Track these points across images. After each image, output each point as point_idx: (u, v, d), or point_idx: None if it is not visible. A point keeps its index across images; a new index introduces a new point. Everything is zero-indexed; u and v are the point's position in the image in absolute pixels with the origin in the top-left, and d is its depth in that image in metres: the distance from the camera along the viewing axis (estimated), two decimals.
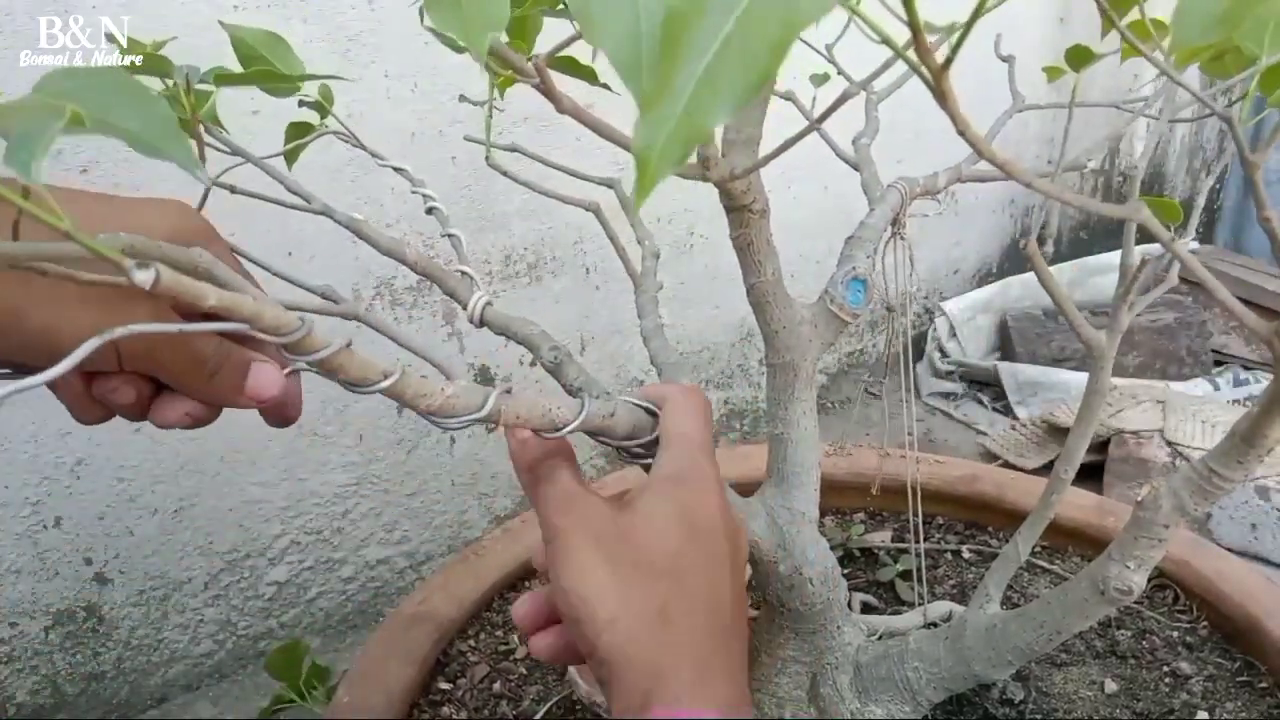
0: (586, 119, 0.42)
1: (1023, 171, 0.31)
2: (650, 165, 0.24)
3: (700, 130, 0.24)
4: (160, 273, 0.29)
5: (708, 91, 0.23)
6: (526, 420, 0.48)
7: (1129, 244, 0.55)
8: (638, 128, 0.24)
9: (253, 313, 0.33)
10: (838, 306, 0.63)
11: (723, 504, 0.57)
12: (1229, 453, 0.51)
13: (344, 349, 0.38)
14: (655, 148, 0.24)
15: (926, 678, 0.68)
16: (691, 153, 0.24)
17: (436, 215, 0.65)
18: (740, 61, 0.23)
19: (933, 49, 0.27)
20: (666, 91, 0.24)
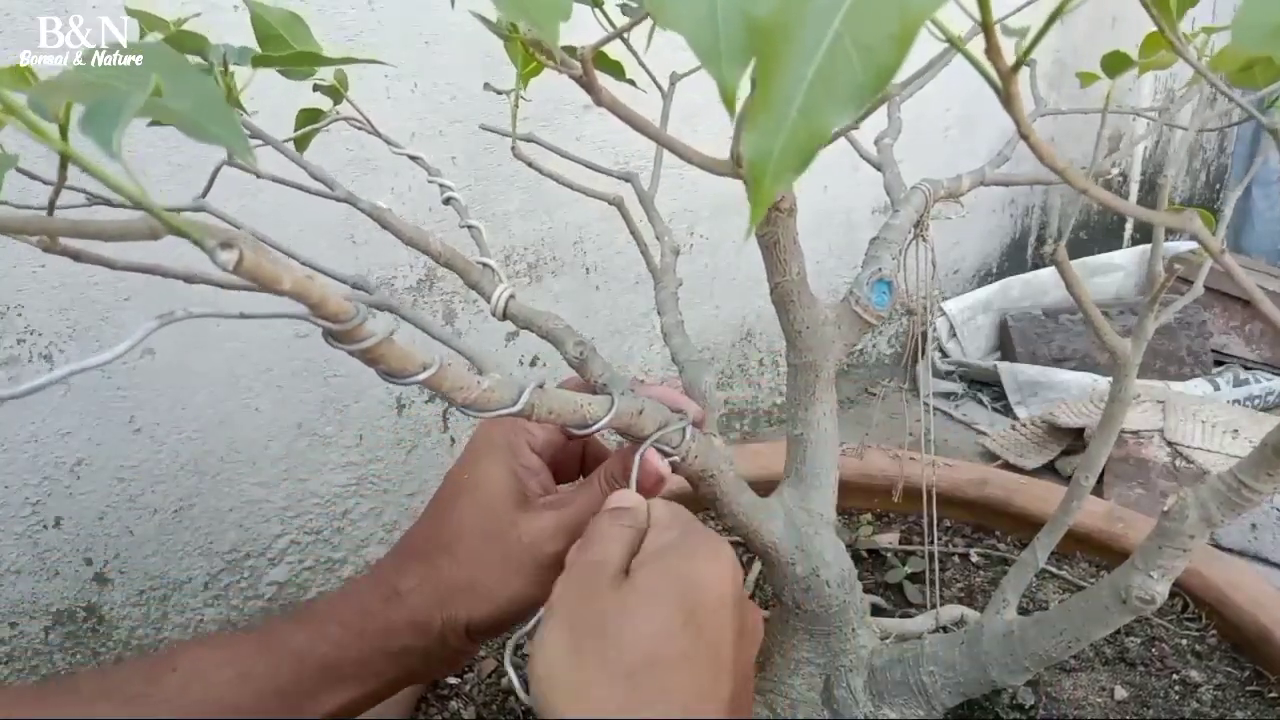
0: (622, 112, 0.41)
1: (1078, 178, 0.30)
2: (766, 176, 0.23)
3: (820, 132, 0.23)
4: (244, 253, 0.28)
5: (823, 91, 0.22)
6: (559, 415, 0.48)
7: (1157, 250, 0.54)
8: (748, 139, 0.23)
9: (320, 298, 0.33)
10: (862, 307, 0.62)
11: (733, 574, 0.55)
12: (1259, 464, 0.50)
13: (387, 339, 0.38)
14: (771, 157, 0.23)
15: (942, 682, 0.68)
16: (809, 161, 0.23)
17: (454, 205, 0.65)
18: (859, 58, 0.22)
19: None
20: (773, 98, 0.23)
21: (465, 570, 0.62)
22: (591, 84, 0.41)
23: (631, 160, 1.64)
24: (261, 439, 1.45)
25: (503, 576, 0.62)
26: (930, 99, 2.12)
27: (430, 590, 0.63)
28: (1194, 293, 0.53)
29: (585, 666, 0.51)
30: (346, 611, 0.63)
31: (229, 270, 0.28)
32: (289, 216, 1.30)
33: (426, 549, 0.65)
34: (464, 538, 0.63)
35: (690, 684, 0.51)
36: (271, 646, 0.61)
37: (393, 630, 0.62)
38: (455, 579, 0.63)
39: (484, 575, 0.62)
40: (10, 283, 1.17)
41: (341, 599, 0.65)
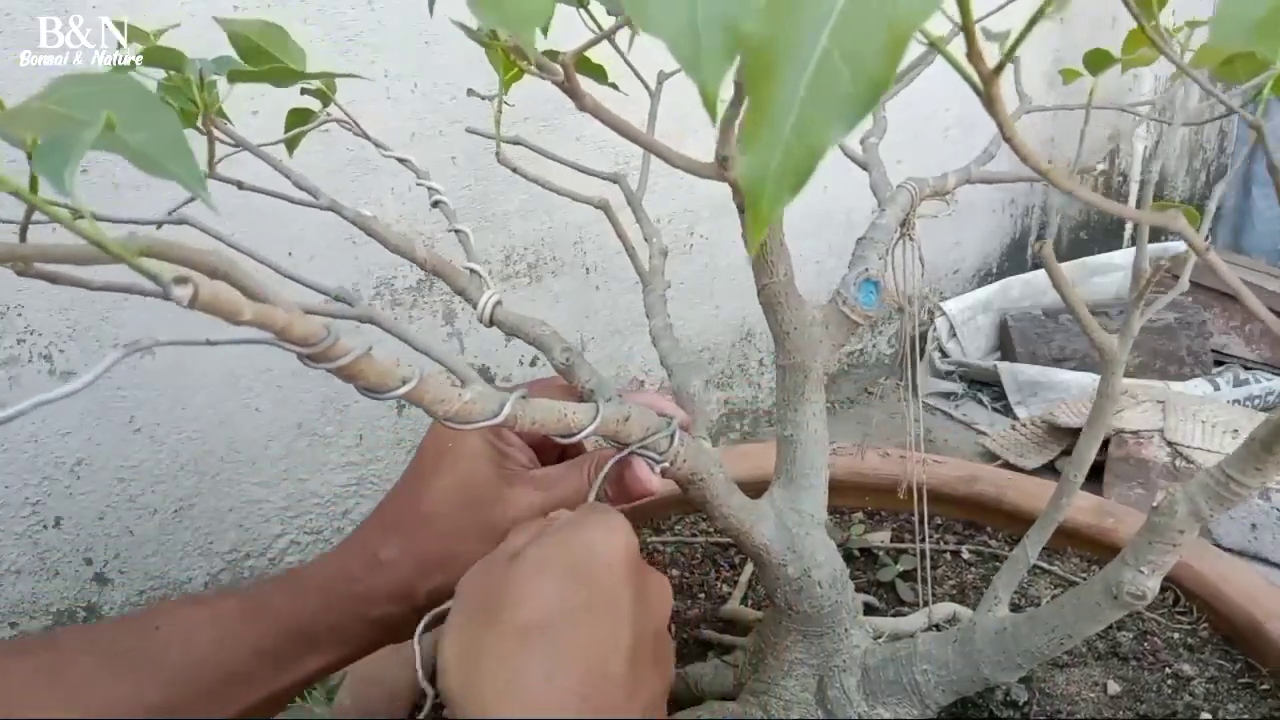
0: (605, 117, 0.41)
1: (1061, 177, 0.31)
2: (765, 197, 0.23)
3: (816, 149, 0.23)
4: (198, 289, 0.28)
5: (815, 107, 0.22)
6: (542, 425, 0.48)
7: (1142, 247, 0.54)
8: (744, 160, 0.23)
9: (284, 324, 0.33)
10: (850, 308, 0.63)
11: (625, 540, 0.56)
12: (1247, 459, 0.51)
13: (364, 355, 0.38)
14: (768, 176, 0.23)
15: (935, 680, 0.68)
16: (807, 179, 0.23)
17: (442, 209, 0.65)
18: (848, 71, 0.22)
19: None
20: (766, 116, 0.23)
21: (447, 542, 0.64)
22: (574, 89, 0.41)
23: (632, 160, 1.64)
24: (261, 439, 1.46)
25: (483, 550, 0.62)
26: (930, 99, 2.12)
27: (411, 561, 0.64)
28: (1179, 288, 0.53)
29: (478, 637, 0.52)
30: (328, 579, 0.64)
31: (184, 305, 0.29)
32: (289, 216, 1.30)
33: (407, 519, 0.66)
34: (445, 509, 0.65)
35: (584, 637, 0.52)
36: (254, 610, 0.62)
37: (374, 599, 0.63)
38: (436, 551, 0.64)
39: (465, 548, 0.62)
40: (10, 283, 1.18)
41: (324, 565, 0.66)
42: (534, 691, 0.50)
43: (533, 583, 0.53)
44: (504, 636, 0.52)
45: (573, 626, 0.52)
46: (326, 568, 0.65)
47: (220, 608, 0.62)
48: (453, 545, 0.63)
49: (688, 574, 1.01)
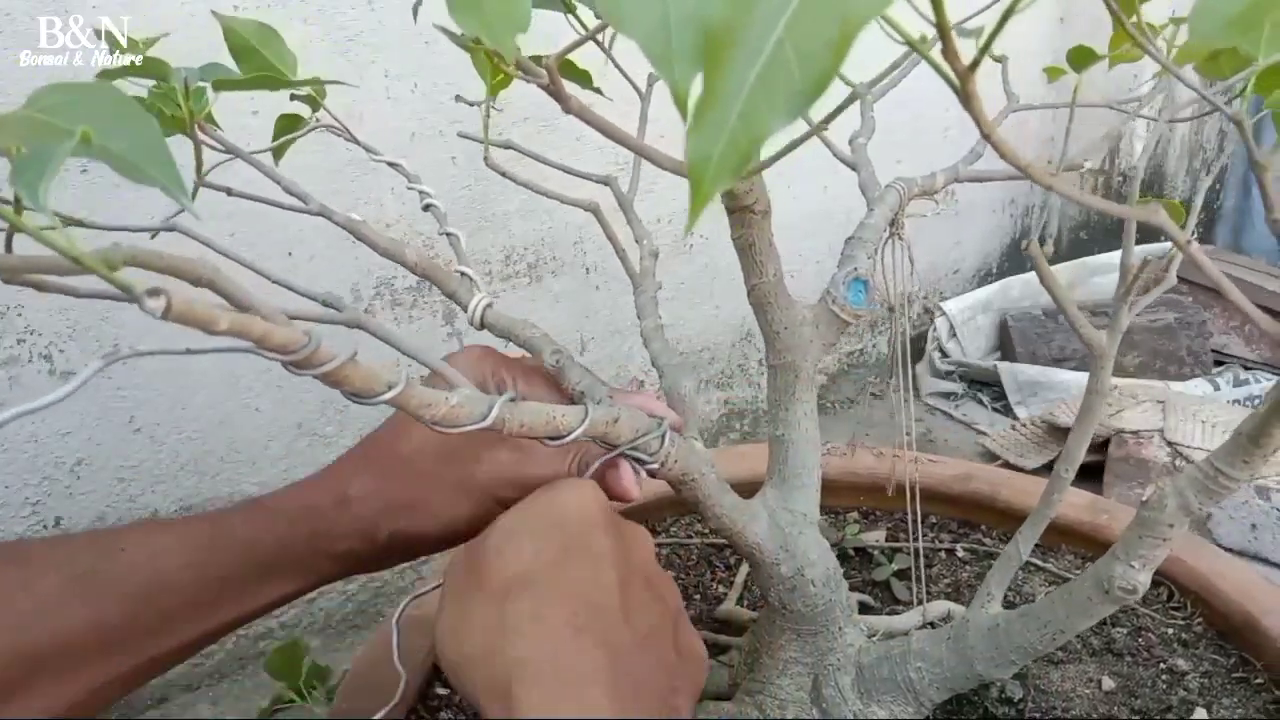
0: (592, 119, 0.42)
1: (1042, 174, 0.31)
2: (706, 177, 0.23)
3: (758, 137, 0.23)
4: (170, 301, 0.29)
5: (763, 97, 0.23)
6: (530, 428, 0.48)
7: (1129, 244, 0.55)
8: (689, 140, 0.23)
9: (263, 333, 0.33)
10: (839, 307, 0.63)
11: (594, 496, 0.58)
12: (1234, 452, 0.51)
13: (349, 361, 0.38)
14: (711, 159, 0.23)
15: (929, 678, 0.69)
16: (750, 161, 0.24)
17: (433, 212, 0.65)
18: (797, 64, 0.22)
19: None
20: (716, 100, 0.23)
21: (417, 488, 0.64)
22: (559, 93, 0.41)
23: (632, 160, 1.64)
24: (261, 439, 1.46)
25: (453, 500, 0.64)
26: (930, 99, 2.12)
27: (379, 502, 0.65)
28: (1165, 284, 0.54)
29: (464, 604, 0.54)
30: (295, 510, 0.65)
31: (158, 318, 0.29)
32: (288, 217, 1.31)
33: (384, 459, 0.66)
34: (422, 455, 0.65)
35: (565, 579, 0.53)
36: (219, 537, 0.63)
37: (338, 535, 0.64)
38: (406, 495, 0.64)
39: (435, 496, 0.64)
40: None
41: (292, 496, 0.66)
42: (524, 632, 0.50)
43: (509, 544, 0.55)
44: (488, 596, 0.52)
45: (552, 571, 0.53)
46: (295, 499, 0.66)
47: (186, 534, 0.63)
48: (423, 491, 0.64)
49: (683, 575, 1.01)
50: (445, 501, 0.64)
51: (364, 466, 0.67)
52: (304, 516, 0.65)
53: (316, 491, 0.66)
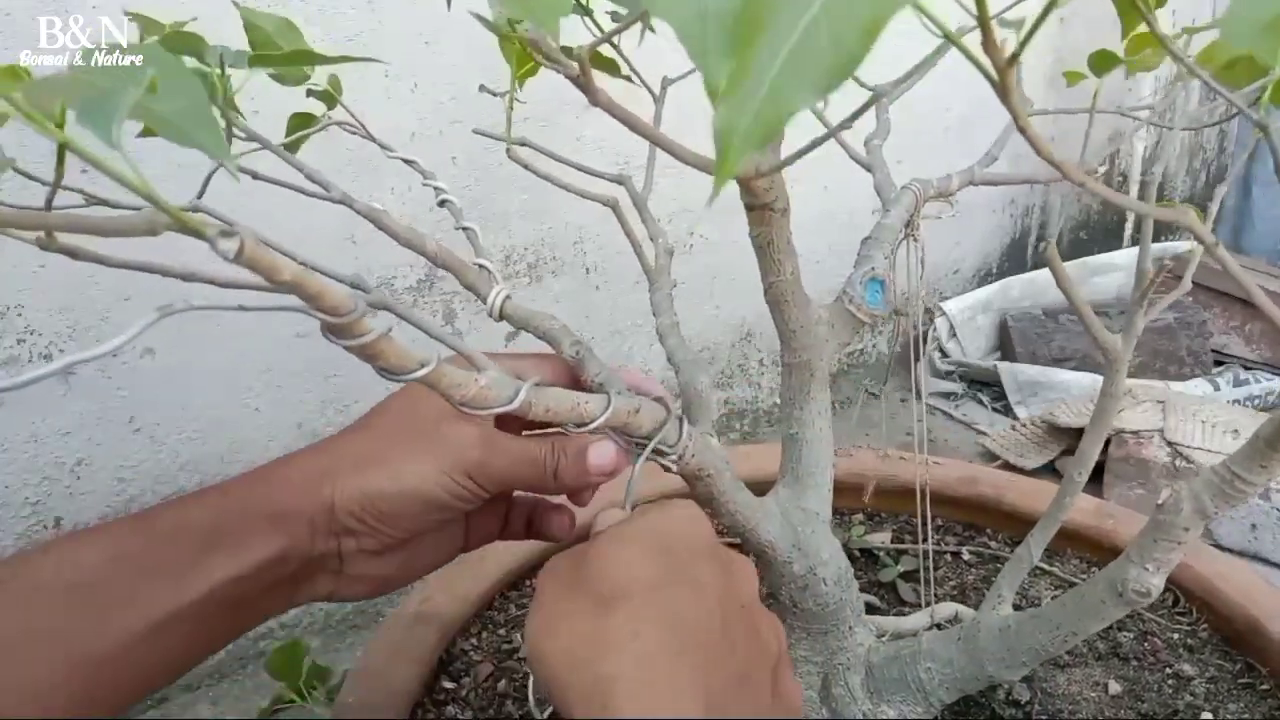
0: (619, 113, 0.41)
1: (1076, 172, 0.31)
2: (732, 147, 0.24)
3: (783, 114, 0.23)
4: (245, 242, 0.28)
5: (793, 73, 0.23)
6: (555, 414, 0.48)
7: (1146, 246, 0.54)
8: (718, 110, 0.24)
9: (318, 290, 0.33)
10: (855, 307, 0.63)
11: (709, 533, 0.56)
12: (1252, 456, 0.51)
13: (384, 336, 0.38)
14: (737, 130, 0.23)
15: (939, 679, 0.68)
16: (774, 136, 0.24)
17: (449, 208, 0.65)
18: (829, 46, 0.23)
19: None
20: (747, 75, 0.23)
21: (371, 445, 0.61)
22: (588, 84, 0.41)
23: (632, 160, 1.64)
24: (261, 439, 1.46)
25: (406, 453, 0.59)
26: (931, 99, 2.12)
27: (326, 456, 0.61)
28: (1182, 288, 0.54)
29: (561, 602, 0.52)
30: (231, 484, 0.60)
31: (230, 259, 0.29)
32: (289, 218, 1.30)
33: (344, 431, 0.64)
34: (383, 422, 0.62)
35: (666, 601, 0.51)
36: (147, 524, 0.58)
37: (274, 494, 0.59)
38: (358, 450, 0.61)
39: (389, 450, 0.60)
40: (10, 283, 1.18)
41: (233, 478, 0.61)
42: (620, 648, 0.49)
43: (618, 552, 0.53)
44: (588, 599, 0.51)
45: (655, 592, 0.51)
46: (235, 479, 0.61)
47: (112, 529, 0.58)
48: (379, 445, 0.61)
49: None
50: (400, 454, 0.60)
51: (319, 442, 0.63)
52: (239, 487, 0.60)
53: (257, 470, 0.61)
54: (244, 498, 0.59)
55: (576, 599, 0.52)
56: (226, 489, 0.60)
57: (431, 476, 0.59)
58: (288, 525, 0.58)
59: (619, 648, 0.49)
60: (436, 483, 0.59)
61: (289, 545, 0.58)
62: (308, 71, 0.61)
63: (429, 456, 0.59)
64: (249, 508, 0.58)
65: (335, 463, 0.60)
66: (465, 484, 0.59)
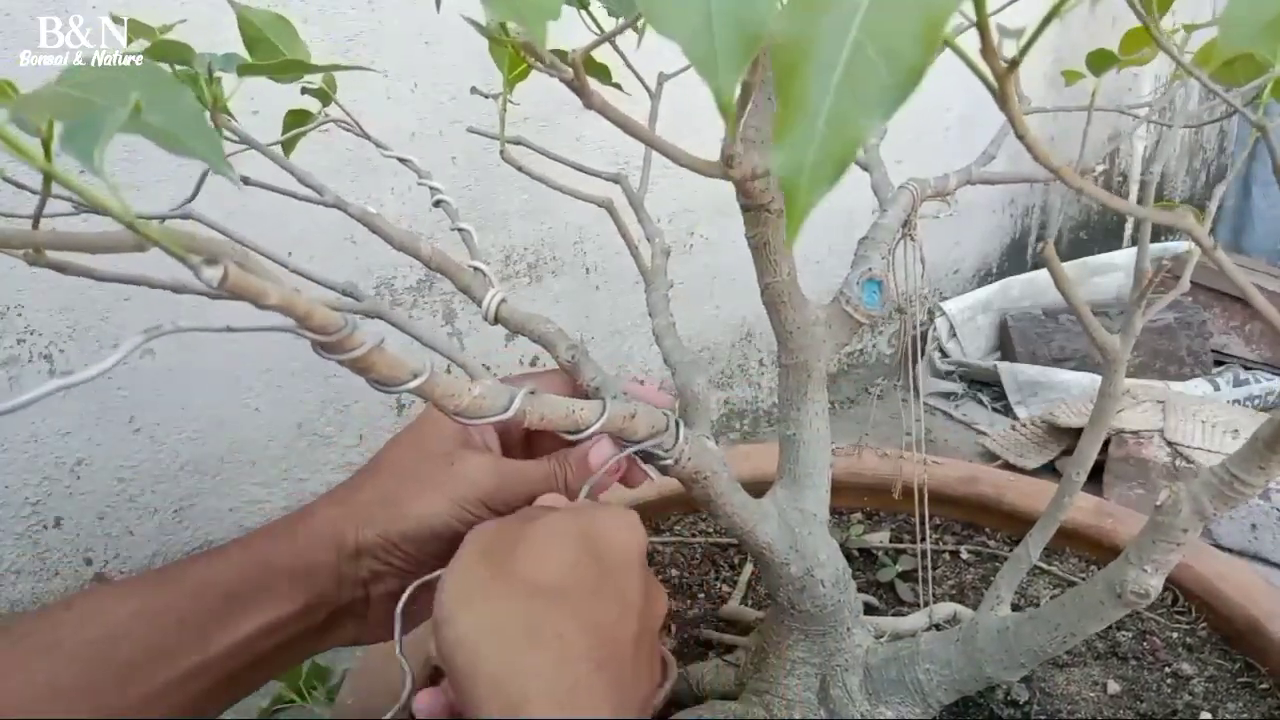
0: (613, 115, 0.41)
1: (1072, 176, 0.31)
2: (801, 190, 0.23)
3: (853, 140, 0.23)
4: (229, 270, 0.28)
5: (850, 99, 0.22)
6: (550, 421, 0.48)
7: (1144, 246, 0.54)
8: (779, 156, 0.23)
9: (306, 311, 0.33)
10: (853, 307, 0.63)
11: (638, 539, 0.56)
12: (1250, 458, 0.51)
13: (377, 348, 0.38)
14: (804, 170, 0.23)
15: (938, 680, 0.68)
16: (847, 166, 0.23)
17: (445, 208, 0.65)
18: (884, 62, 0.22)
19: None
20: (798, 110, 0.23)
21: (386, 486, 0.61)
22: (582, 87, 0.41)
23: (631, 160, 1.64)
24: (261, 439, 1.46)
25: (421, 492, 0.60)
26: (931, 99, 2.12)
27: (345, 506, 0.61)
28: (1180, 288, 0.53)
29: (485, 580, 0.51)
30: (254, 538, 0.61)
31: (213, 287, 0.29)
32: (289, 217, 1.30)
33: (356, 477, 0.64)
34: (394, 460, 0.63)
35: (595, 609, 0.51)
36: (172, 578, 0.58)
37: (299, 547, 0.60)
38: (374, 494, 0.61)
39: (403, 490, 0.61)
40: (10, 283, 1.18)
41: (255, 531, 0.62)
42: (546, 646, 0.49)
43: (548, 546, 0.53)
44: (515, 587, 0.51)
45: (585, 597, 0.51)
46: (256, 532, 0.62)
47: (137, 584, 0.58)
48: (393, 488, 0.61)
49: (687, 574, 1.01)
50: (414, 494, 0.60)
51: (334, 490, 0.64)
52: (262, 542, 0.61)
53: (278, 523, 0.62)
54: (268, 552, 0.60)
55: (501, 581, 0.51)
56: (249, 544, 0.60)
57: (448, 511, 0.60)
58: (314, 578, 0.59)
59: (543, 644, 0.49)
60: (454, 516, 0.60)
61: (315, 597, 0.59)
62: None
63: (443, 492, 0.60)
64: (273, 562, 0.59)
65: (354, 510, 0.61)
66: (481, 514, 0.59)
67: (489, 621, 0.50)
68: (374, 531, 0.60)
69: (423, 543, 0.60)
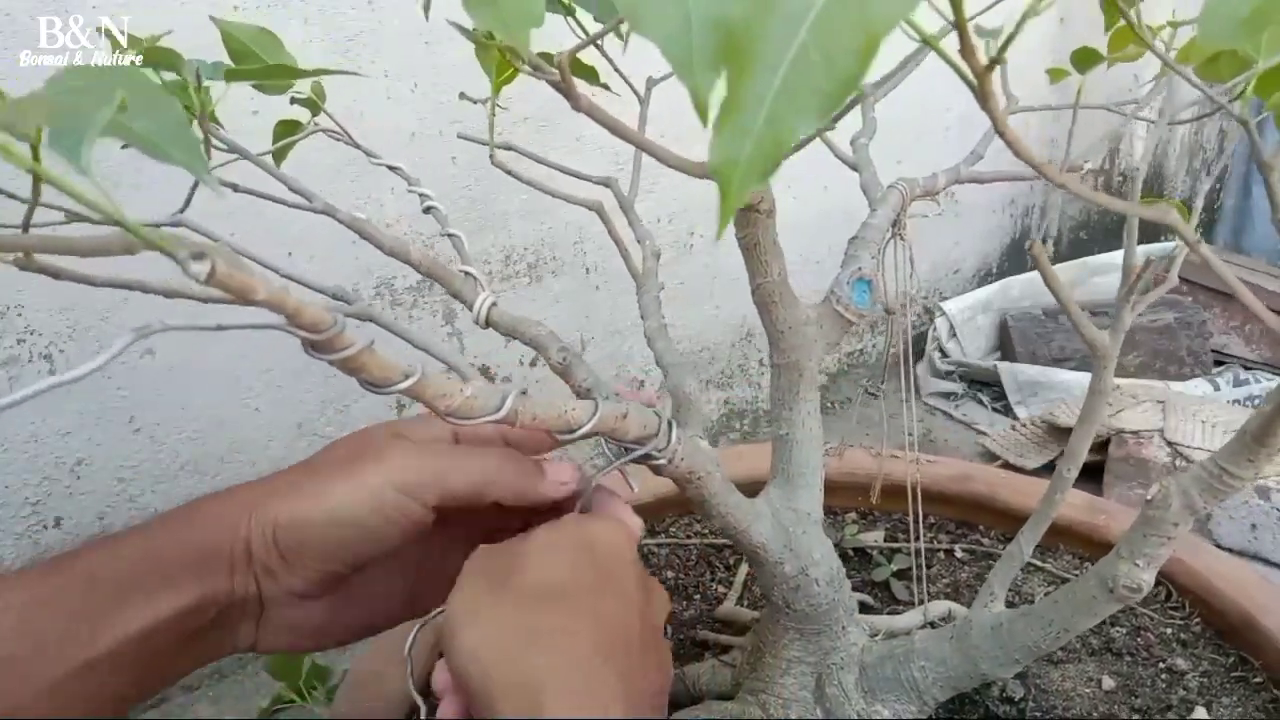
0: (601, 117, 0.42)
1: (1055, 173, 0.31)
2: (734, 183, 0.23)
3: (785, 140, 0.23)
4: (216, 265, 0.29)
5: (788, 100, 0.23)
6: (542, 421, 0.48)
7: (1131, 243, 0.55)
8: (714, 145, 0.23)
9: (295, 308, 0.33)
10: (843, 307, 0.63)
11: (628, 540, 0.57)
12: (1239, 451, 0.51)
13: (367, 349, 0.38)
14: (738, 163, 0.23)
15: (933, 677, 0.69)
16: (775, 167, 0.24)
17: (434, 214, 0.65)
18: (823, 69, 0.22)
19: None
20: (741, 104, 0.23)
21: (298, 473, 0.57)
22: (569, 90, 0.41)
23: (631, 160, 1.64)
24: (261, 439, 1.46)
25: (331, 477, 0.54)
26: (930, 99, 2.12)
27: (254, 489, 0.56)
28: (1167, 284, 0.54)
29: (486, 595, 0.51)
30: (153, 524, 0.55)
31: (201, 281, 0.29)
32: (289, 218, 1.31)
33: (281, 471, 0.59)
34: (325, 453, 0.58)
35: (596, 608, 0.51)
36: (63, 568, 0.52)
37: (195, 534, 0.54)
38: (289, 478, 0.56)
39: (314, 477, 0.55)
40: (10, 283, 1.18)
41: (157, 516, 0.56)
42: (555, 645, 0.49)
43: (544, 556, 0.53)
44: (517, 595, 0.51)
45: (586, 595, 0.52)
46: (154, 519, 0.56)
47: (20, 579, 0.52)
48: (305, 473, 0.56)
49: (683, 575, 1.01)
50: (325, 481, 0.55)
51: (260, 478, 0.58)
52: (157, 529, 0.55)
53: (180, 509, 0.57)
54: (165, 539, 0.54)
55: (503, 594, 0.51)
56: (150, 529, 0.55)
57: (361, 500, 0.54)
58: (206, 568, 0.54)
59: (551, 646, 0.49)
60: (367, 505, 0.54)
61: (207, 591, 0.54)
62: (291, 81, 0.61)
63: (358, 477, 0.54)
64: (167, 551, 0.53)
65: (260, 495, 0.55)
66: (394, 500, 0.54)
67: (496, 632, 0.50)
68: (269, 514, 0.54)
69: (320, 530, 0.54)
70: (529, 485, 0.57)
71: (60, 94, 0.29)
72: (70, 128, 0.25)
